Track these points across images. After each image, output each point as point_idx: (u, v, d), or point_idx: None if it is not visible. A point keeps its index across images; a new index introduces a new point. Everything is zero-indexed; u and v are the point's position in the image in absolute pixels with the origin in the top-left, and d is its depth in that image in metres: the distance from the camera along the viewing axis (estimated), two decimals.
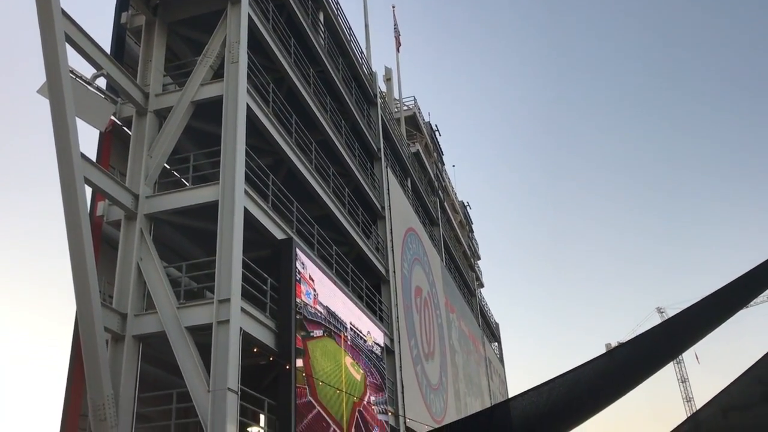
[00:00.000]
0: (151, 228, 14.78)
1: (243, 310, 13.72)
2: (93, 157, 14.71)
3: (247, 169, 14.98)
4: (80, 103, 13.02)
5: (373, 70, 29.43)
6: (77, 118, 12.11)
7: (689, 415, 4.81)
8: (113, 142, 15.82)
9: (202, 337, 13.45)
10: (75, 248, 11.72)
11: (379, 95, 29.26)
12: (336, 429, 16.39)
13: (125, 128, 16.25)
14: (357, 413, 18.14)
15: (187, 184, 16.19)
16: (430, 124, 44.94)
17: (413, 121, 40.77)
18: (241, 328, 13.41)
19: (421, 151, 38.83)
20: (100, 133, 15.48)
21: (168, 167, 16.49)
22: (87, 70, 15.01)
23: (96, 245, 13.33)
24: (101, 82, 15.71)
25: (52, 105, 11.56)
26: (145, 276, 14.06)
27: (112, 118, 15.68)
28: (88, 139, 25.46)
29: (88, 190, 13.59)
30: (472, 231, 55.97)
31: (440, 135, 46.93)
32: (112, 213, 14.88)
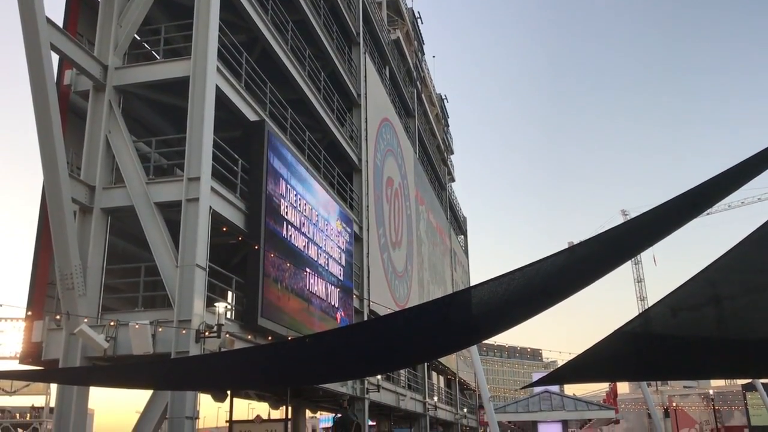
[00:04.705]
0: (120, 101, 14.44)
1: (213, 189, 13.73)
2: (60, 23, 14.08)
3: (220, 45, 14.53)
4: None
5: None
6: None
7: (641, 311, 5.03)
8: (81, 8, 15.16)
9: (171, 213, 13.50)
10: (41, 116, 11.45)
11: None
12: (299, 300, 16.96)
13: None
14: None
15: (158, 58, 15.70)
16: (413, 11, 43.57)
17: (395, 6, 39.45)
18: (210, 207, 13.47)
19: (401, 38, 37.84)
20: None
21: (138, 38, 15.91)
22: None
23: (63, 115, 13.04)
24: None
25: None
26: (114, 149, 13.87)
27: None
28: (54, 4, 24.33)
29: (55, 58, 13.13)
30: (447, 125, 55.72)
31: (422, 23, 45.71)
32: (80, 83, 14.46)
